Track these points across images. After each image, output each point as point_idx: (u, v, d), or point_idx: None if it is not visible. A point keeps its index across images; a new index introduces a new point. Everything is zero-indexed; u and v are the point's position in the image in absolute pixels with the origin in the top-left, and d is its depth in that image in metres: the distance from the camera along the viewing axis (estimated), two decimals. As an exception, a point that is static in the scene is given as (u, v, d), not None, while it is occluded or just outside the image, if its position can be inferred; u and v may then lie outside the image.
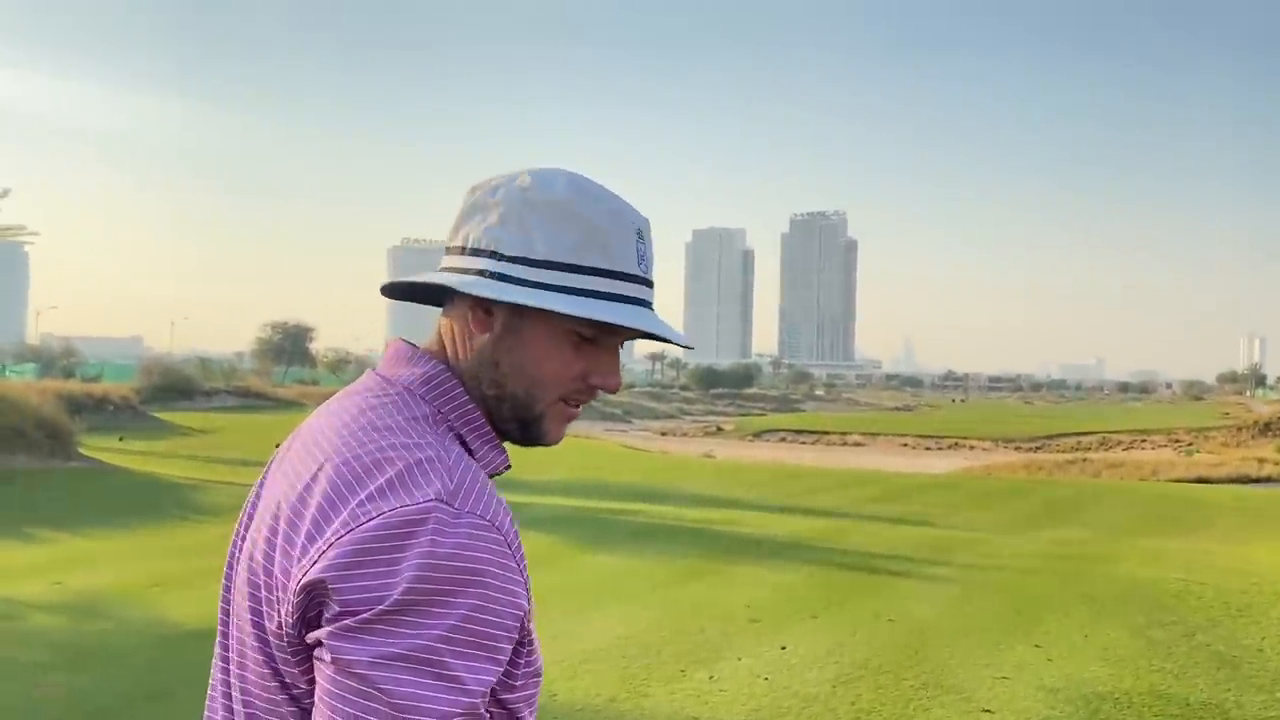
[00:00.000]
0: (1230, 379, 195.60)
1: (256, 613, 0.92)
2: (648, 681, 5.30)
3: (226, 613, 1.01)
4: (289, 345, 77.40)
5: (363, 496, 0.86)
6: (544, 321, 0.96)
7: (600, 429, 63.46)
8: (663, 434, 64.89)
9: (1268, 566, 9.72)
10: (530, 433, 1.01)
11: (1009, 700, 5.10)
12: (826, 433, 67.30)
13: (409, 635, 0.80)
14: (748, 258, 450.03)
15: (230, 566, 1.02)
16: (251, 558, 0.94)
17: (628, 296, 0.97)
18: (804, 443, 61.72)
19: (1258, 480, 36.71)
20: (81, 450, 18.37)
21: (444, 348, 1.02)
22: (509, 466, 1.03)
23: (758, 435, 65.53)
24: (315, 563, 0.84)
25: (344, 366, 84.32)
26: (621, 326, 0.96)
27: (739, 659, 5.76)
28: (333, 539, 0.85)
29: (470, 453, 0.96)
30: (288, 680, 0.90)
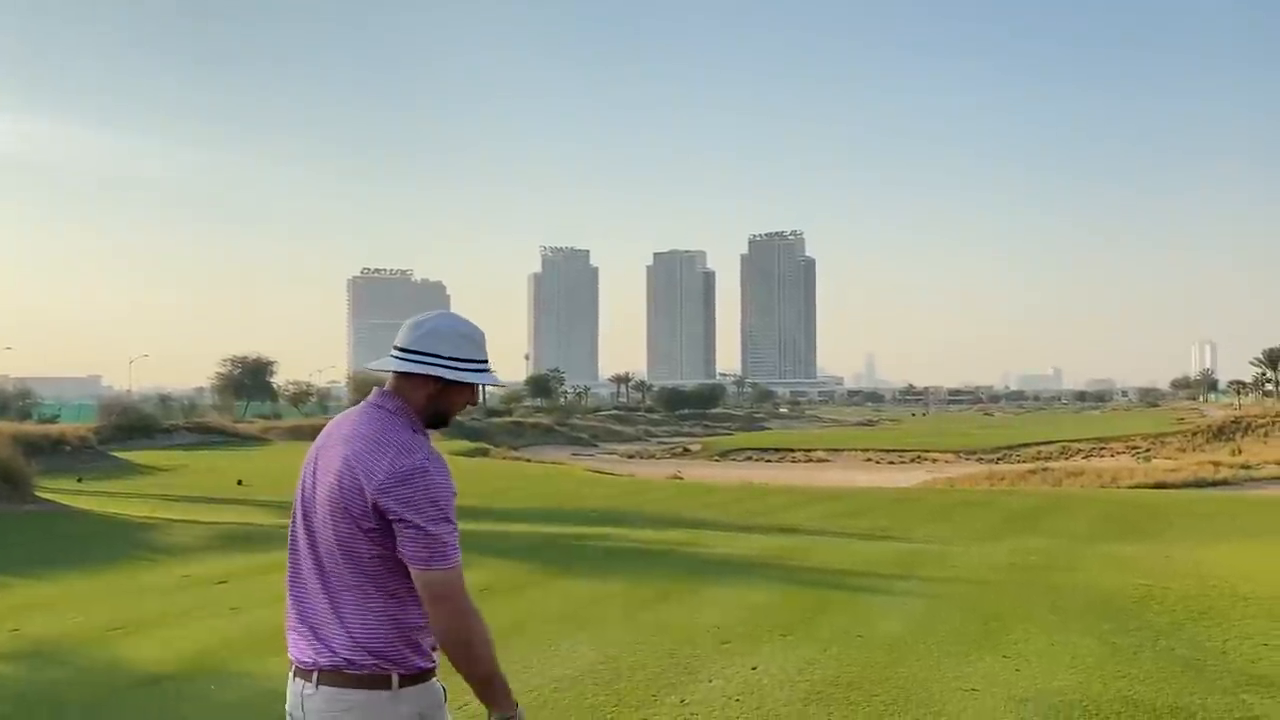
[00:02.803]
0: (1183, 385, 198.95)
1: (344, 511, 2.10)
2: (619, 707, 5.27)
3: (307, 516, 2.18)
4: (249, 380, 76.47)
5: (393, 455, 2.10)
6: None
7: (568, 454, 63.26)
8: (630, 457, 64.85)
9: (1227, 569, 9.88)
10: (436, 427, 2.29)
11: (979, 713, 5.13)
12: (791, 450, 67.63)
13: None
14: (709, 279, 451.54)
15: (305, 496, 2.21)
16: (331, 486, 2.12)
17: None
18: (769, 461, 61.97)
19: (1214, 484, 37.44)
20: (38, 493, 18.01)
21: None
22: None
23: (724, 455, 65.70)
24: (378, 491, 2.06)
25: (305, 399, 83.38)
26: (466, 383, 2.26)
27: (710, 681, 5.75)
28: (383, 478, 2.07)
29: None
30: (360, 541, 2.09)
